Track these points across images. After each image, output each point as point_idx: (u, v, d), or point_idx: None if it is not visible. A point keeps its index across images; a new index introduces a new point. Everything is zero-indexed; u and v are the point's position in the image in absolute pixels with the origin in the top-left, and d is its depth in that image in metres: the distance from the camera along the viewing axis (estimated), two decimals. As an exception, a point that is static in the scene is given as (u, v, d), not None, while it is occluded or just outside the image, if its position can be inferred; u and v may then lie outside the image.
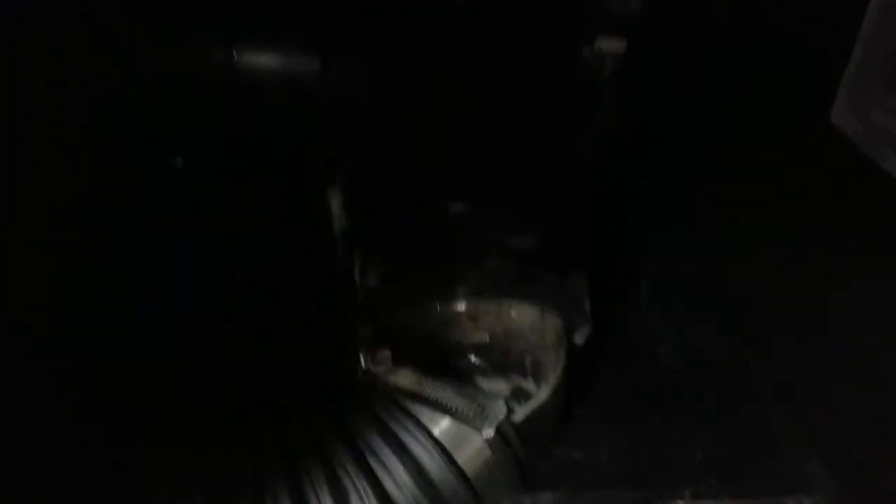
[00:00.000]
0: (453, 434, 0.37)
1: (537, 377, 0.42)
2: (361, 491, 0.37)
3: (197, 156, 0.58)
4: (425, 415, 0.37)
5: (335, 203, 0.61)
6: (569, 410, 0.46)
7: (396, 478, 0.37)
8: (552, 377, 0.43)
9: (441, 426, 0.37)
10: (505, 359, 0.41)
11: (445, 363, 0.41)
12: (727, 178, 0.66)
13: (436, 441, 0.37)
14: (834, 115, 0.59)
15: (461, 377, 0.40)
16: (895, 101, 0.54)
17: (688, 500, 0.48)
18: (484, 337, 0.42)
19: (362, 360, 0.40)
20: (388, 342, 0.42)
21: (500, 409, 0.36)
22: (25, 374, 0.43)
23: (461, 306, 0.42)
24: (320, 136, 0.48)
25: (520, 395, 0.40)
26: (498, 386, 0.40)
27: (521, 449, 0.39)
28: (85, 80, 0.47)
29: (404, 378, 0.39)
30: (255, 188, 0.56)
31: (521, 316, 0.43)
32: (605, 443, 0.51)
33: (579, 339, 0.46)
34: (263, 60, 0.44)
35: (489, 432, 0.36)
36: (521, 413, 0.40)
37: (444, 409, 0.37)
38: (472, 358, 0.41)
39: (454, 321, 0.42)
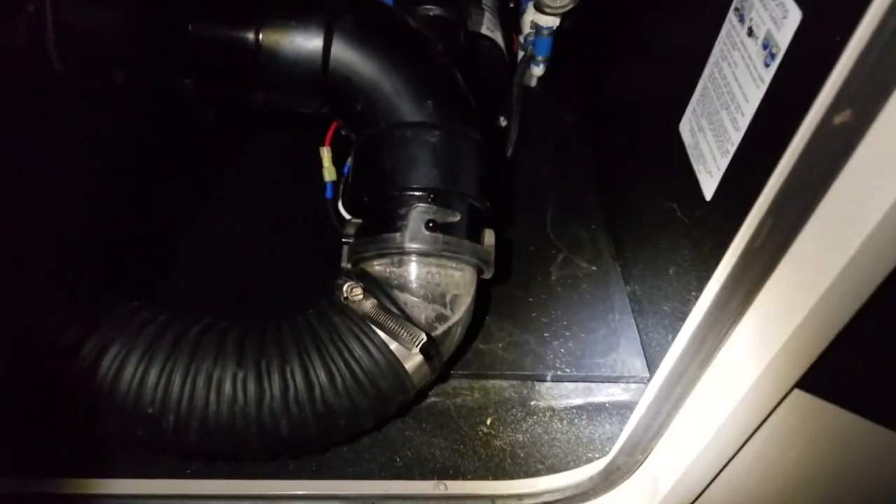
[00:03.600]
0: (396, 347, 0.62)
1: (454, 306, 0.66)
2: (331, 364, 0.62)
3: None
4: (379, 334, 0.62)
5: (326, 158, 0.81)
6: (475, 325, 0.71)
7: (357, 358, 0.62)
8: (463, 306, 0.67)
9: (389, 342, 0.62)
10: (434, 295, 0.65)
11: (395, 299, 0.65)
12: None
13: (385, 345, 0.62)
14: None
15: (404, 308, 0.64)
16: None
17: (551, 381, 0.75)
18: (423, 283, 0.65)
19: (343, 290, 0.64)
20: (359, 280, 0.65)
21: (422, 336, 0.61)
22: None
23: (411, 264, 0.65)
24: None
25: (441, 319, 0.65)
26: (427, 313, 0.64)
27: (437, 355, 0.65)
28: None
29: (368, 307, 0.63)
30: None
31: (448, 269, 0.66)
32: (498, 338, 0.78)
33: (486, 276, 0.70)
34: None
35: (416, 350, 0.61)
36: (440, 329, 0.65)
37: (391, 333, 0.61)
38: (413, 297, 0.65)
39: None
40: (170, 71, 0.72)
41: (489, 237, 0.70)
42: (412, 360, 0.63)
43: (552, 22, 0.91)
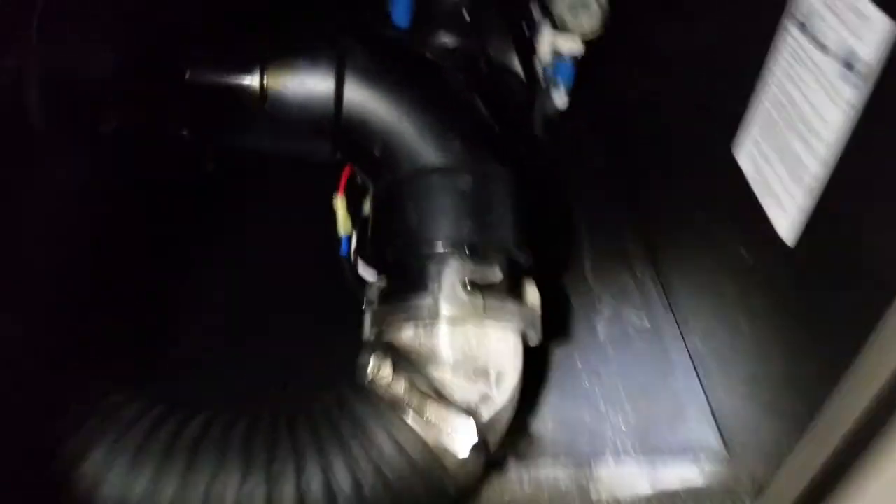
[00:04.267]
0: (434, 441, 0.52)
1: (499, 384, 0.56)
2: (356, 469, 0.51)
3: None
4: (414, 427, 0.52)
5: (340, 208, 0.72)
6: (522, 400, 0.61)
7: (388, 459, 0.51)
8: (510, 383, 0.57)
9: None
10: (475, 371, 0.55)
11: (430, 378, 0.54)
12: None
13: (422, 441, 0.52)
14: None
15: (441, 389, 0.54)
16: None
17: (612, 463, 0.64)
18: (462, 356, 0.55)
19: (369, 370, 0.54)
20: (386, 353, 0.55)
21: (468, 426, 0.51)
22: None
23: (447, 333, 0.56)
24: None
25: (486, 402, 0.55)
26: (468, 395, 0.54)
27: (483, 448, 0.54)
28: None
29: (399, 391, 0.53)
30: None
31: (490, 339, 0.56)
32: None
33: (533, 343, 0.60)
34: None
35: (460, 446, 0.50)
36: (486, 415, 0.55)
37: (428, 425, 0.51)
38: (450, 375, 0.55)
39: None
40: (164, 120, 0.63)
41: (532, 294, 0.60)
42: (454, 458, 0.52)
43: (576, 46, 0.83)
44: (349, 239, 0.74)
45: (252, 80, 0.61)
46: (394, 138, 0.60)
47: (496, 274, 0.56)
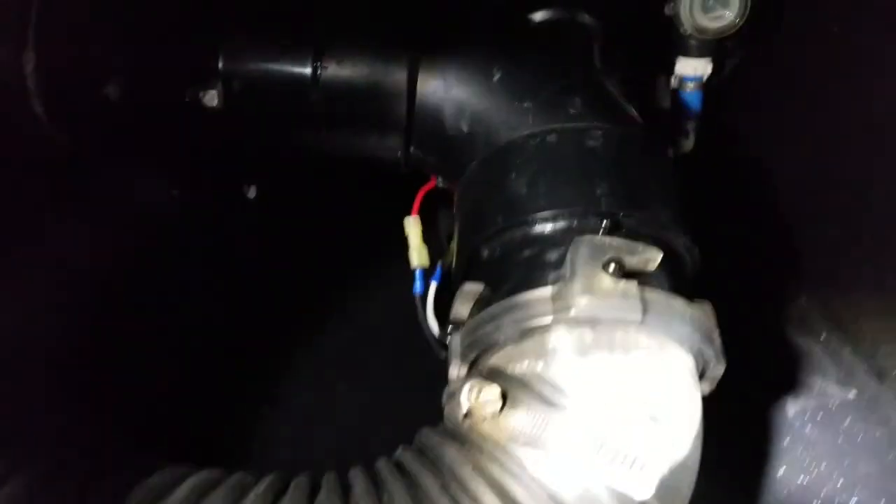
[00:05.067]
0: (579, 496, 0.30)
1: (672, 424, 0.34)
2: None
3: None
4: (544, 470, 0.30)
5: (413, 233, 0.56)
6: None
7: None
8: (688, 425, 0.35)
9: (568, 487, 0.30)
10: (631, 403, 0.34)
11: (551, 402, 0.33)
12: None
13: None
14: None
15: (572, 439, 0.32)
16: None
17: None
18: (608, 381, 0.34)
19: (464, 396, 0.33)
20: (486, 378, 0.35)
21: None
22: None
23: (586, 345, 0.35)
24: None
25: (647, 456, 0.32)
26: (619, 448, 0.32)
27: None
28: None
29: (515, 423, 0.31)
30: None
31: (654, 354, 0.35)
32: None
33: (712, 375, 0.39)
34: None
35: (645, 492, 0.28)
36: (657, 475, 0.32)
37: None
38: (595, 408, 0.33)
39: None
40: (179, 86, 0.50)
41: (704, 307, 0.39)
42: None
43: (700, 68, 0.67)
44: (424, 273, 0.56)
45: (304, 68, 0.49)
46: (488, 102, 0.45)
47: (652, 254, 0.36)
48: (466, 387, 0.33)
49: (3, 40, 0.42)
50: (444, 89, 0.48)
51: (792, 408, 0.52)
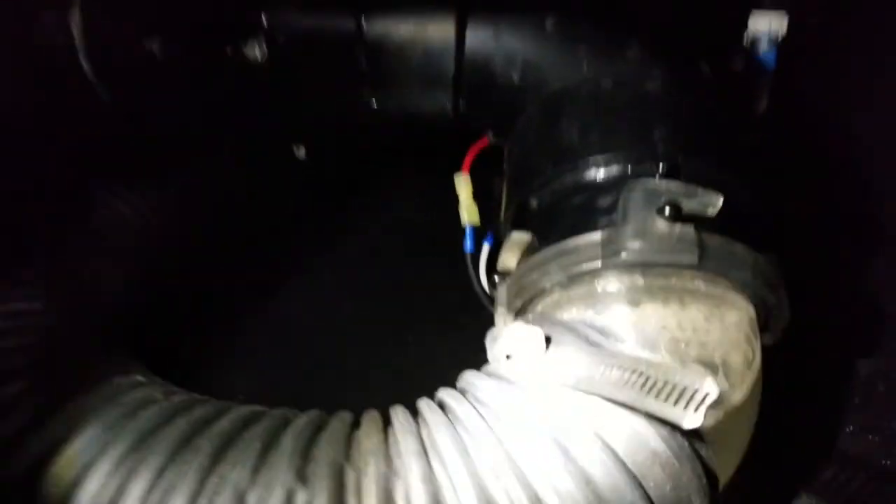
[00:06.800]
0: (627, 435, 0.29)
1: (728, 378, 0.32)
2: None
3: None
4: (590, 408, 0.29)
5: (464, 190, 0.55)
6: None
7: (557, 485, 0.29)
8: (745, 380, 0.33)
9: (614, 425, 0.29)
10: (688, 355, 0.32)
11: (598, 345, 0.32)
12: None
13: (605, 443, 0.29)
14: None
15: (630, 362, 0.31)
16: None
17: None
18: (663, 329, 0.33)
19: (507, 337, 0.33)
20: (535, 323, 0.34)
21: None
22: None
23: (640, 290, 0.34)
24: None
25: (703, 405, 0.31)
26: (673, 398, 0.30)
27: (711, 461, 0.30)
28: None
29: (557, 364, 0.31)
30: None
31: (713, 304, 0.34)
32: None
33: (770, 337, 0.37)
34: None
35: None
36: (711, 418, 0.30)
37: (618, 402, 0.28)
38: (651, 354, 0.32)
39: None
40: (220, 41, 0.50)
41: (769, 255, 0.37)
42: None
43: (777, 23, 0.63)
44: (475, 231, 0.55)
45: (348, 21, 0.48)
46: (540, 50, 0.44)
47: (712, 198, 0.34)
48: (509, 329, 0.33)
49: (50, 2, 0.43)
50: (494, 39, 0.46)
51: (864, 367, 0.49)
